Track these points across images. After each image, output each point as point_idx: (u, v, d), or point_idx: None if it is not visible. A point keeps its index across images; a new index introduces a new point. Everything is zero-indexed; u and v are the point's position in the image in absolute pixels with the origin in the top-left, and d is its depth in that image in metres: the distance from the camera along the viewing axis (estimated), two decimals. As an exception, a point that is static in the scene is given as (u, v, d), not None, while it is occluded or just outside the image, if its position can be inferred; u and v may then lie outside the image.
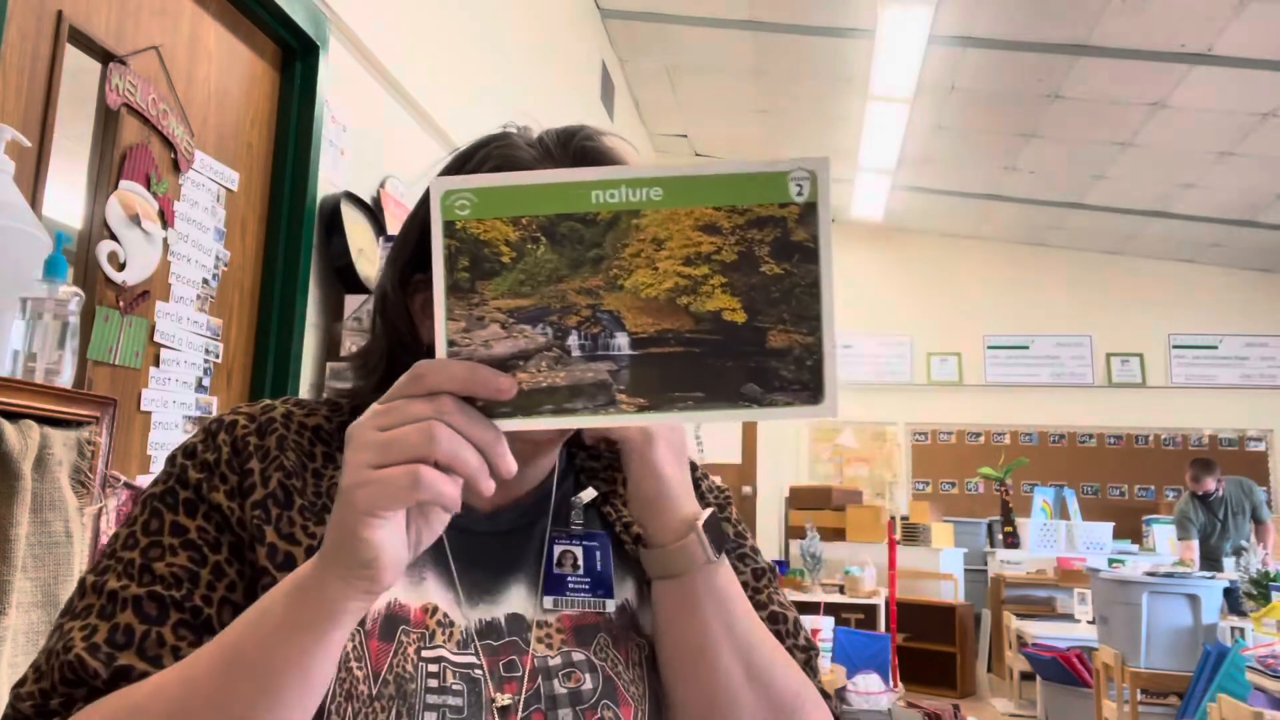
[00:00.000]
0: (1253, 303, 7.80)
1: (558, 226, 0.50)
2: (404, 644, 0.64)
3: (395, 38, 2.56)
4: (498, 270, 0.50)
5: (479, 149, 0.74)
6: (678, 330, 0.50)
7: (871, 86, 5.16)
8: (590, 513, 0.78)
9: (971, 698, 5.98)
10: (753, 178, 0.49)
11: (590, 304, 0.50)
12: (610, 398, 0.51)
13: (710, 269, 0.50)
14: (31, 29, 1.44)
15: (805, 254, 0.50)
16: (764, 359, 0.50)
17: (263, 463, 0.68)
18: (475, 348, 0.50)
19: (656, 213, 0.50)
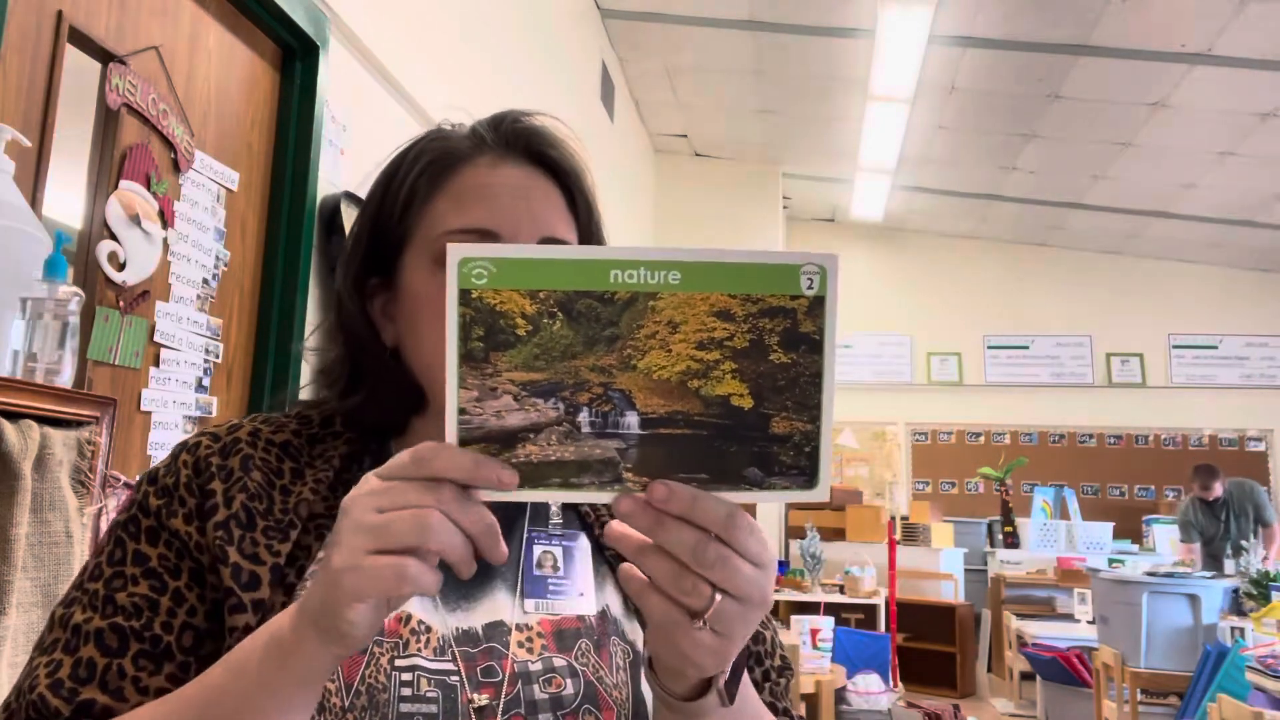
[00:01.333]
0: (1253, 303, 7.80)
1: (575, 303, 0.50)
2: (376, 655, 0.64)
3: (395, 38, 2.56)
4: (512, 342, 0.50)
5: (414, 147, 0.74)
6: (687, 413, 0.51)
7: (871, 86, 5.16)
8: (568, 512, 0.77)
9: (971, 698, 5.98)
10: (766, 269, 0.51)
11: (603, 382, 0.51)
12: (617, 475, 0.52)
13: (722, 354, 0.51)
14: (31, 29, 1.44)
15: (811, 345, 0.51)
16: (766, 444, 0.52)
17: (225, 483, 0.68)
18: (487, 417, 0.51)
19: (673, 296, 0.50)
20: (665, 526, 0.51)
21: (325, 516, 0.69)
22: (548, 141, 0.75)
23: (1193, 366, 7.88)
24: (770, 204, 6.94)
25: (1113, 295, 7.95)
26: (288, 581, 0.65)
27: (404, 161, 0.74)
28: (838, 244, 8.32)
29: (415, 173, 0.73)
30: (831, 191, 7.56)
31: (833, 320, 0.51)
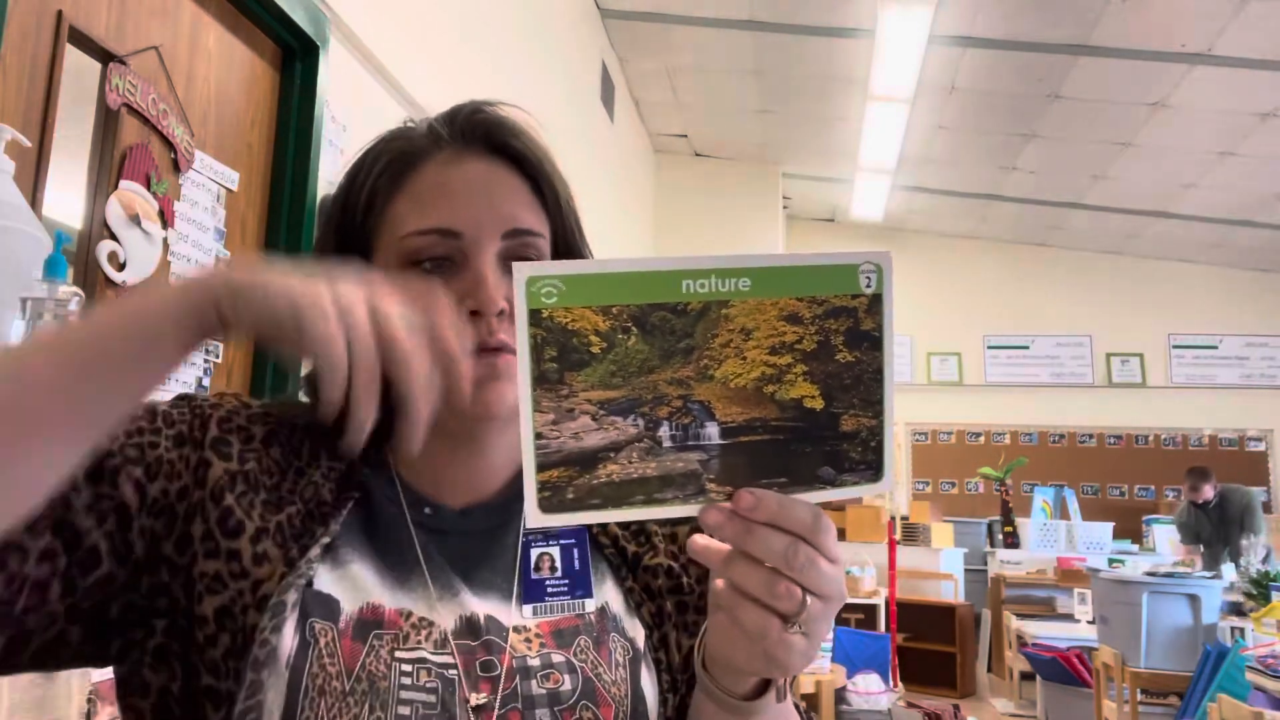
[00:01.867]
0: (1253, 303, 7.80)
1: (649, 316, 0.49)
2: (376, 646, 0.64)
3: (395, 38, 2.56)
4: (587, 361, 0.49)
5: (373, 148, 0.74)
6: (764, 418, 0.52)
7: (871, 86, 5.16)
8: None
9: (971, 698, 5.98)
10: (828, 269, 0.52)
11: (681, 394, 0.51)
12: (700, 487, 0.52)
13: (793, 358, 0.51)
14: (31, 29, 1.44)
15: (872, 342, 0.52)
16: (837, 442, 0.53)
17: (243, 444, 0.68)
18: (564, 440, 0.50)
19: (744, 303, 0.50)
20: (754, 534, 0.51)
21: (331, 506, 0.68)
22: (508, 131, 0.73)
23: (1193, 366, 7.88)
24: (770, 204, 6.94)
25: (1113, 295, 7.95)
26: (290, 554, 0.64)
27: (364, 164, 0.73)
28: (838, 244, 8.32)
29: (375, 174, 0.72)
30: (831, 191, 7.56)
31: (890, 316, 0.52)
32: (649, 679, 0.70)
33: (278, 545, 0.64)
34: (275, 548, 0.64)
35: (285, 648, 0.61)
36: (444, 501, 0.73)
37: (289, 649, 0.61)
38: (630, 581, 0.73)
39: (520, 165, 0.72)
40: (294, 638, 0.62)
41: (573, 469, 0.50)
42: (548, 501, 0.50)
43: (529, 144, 0.73)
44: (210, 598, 0.62)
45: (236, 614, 0.62)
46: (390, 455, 0.74)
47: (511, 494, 0.75)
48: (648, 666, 0.71)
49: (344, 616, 0.64)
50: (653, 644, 0.72)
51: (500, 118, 0.73)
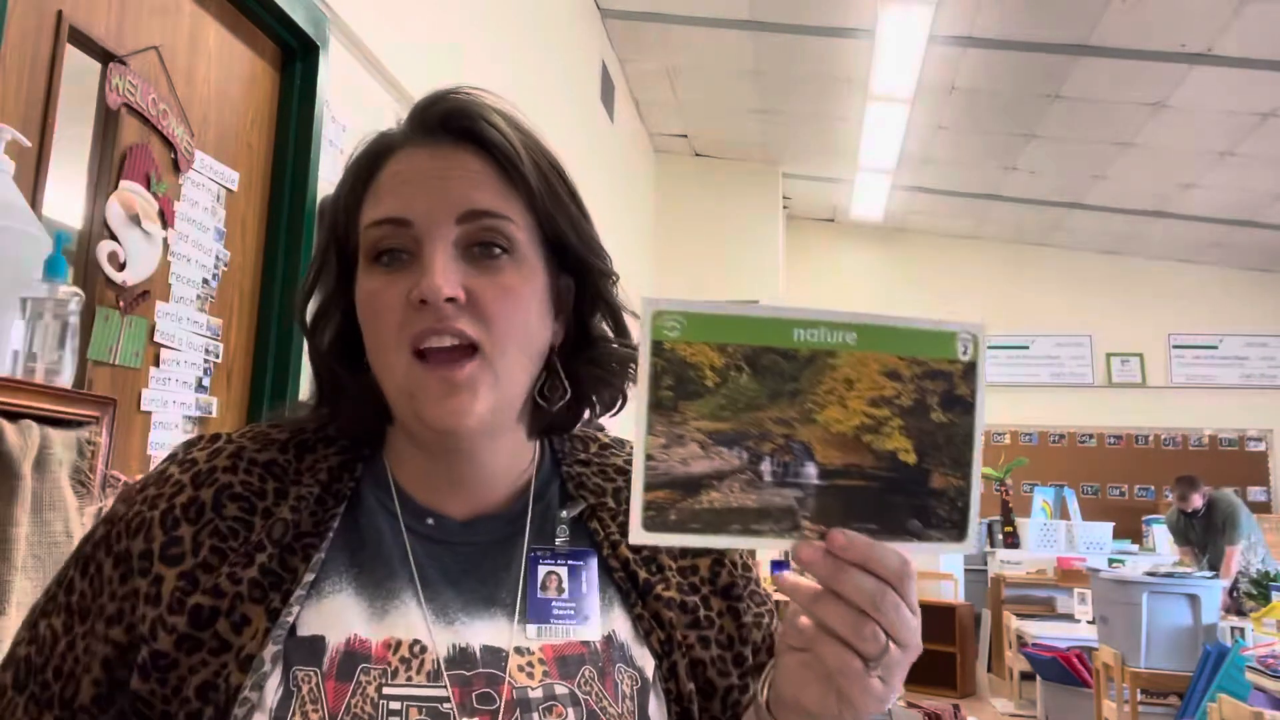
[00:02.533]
0: (1253, 303, 7.80)
1: (761, 358, 0.53)
2: (363, 683, 0.61)
3: (395, 38, 2.56)
4: (700, 393, 0.53)
5: (355, 150, 0.72)
6: (861, 465, 0.55)
7: (871, 86, 5.16)
8: (576, 527, 0.73)
9: (971, 698, 5.98)
10: (929, 334, 0.55)
11: (785, 433, 0.54)
12: (795, 523, 0.54)
13: (891, 412, 0.54)
14: (31, 29, 1.44)
15: (965, 407, 0.55)
16: (926, 498, 0.55)
17: (194, 525, 0.65)
18: (673, 464, 0.53)
19: (850, 355, 0.54)
20: (845, 574, 0.53)
21: (312, 534, 0.66)
22: (466, 115, 0.68)
23: (1193, 366, 7.88)
24: (770, 204, 6.94)
25: (1113, 295, 7.95)
26: (271, 606, 0.62)
27: (347, 166, 0.72)
28: (838, 244, 8.33)
29: (351, 175, 0.71)
30: (831, 191, 7.56)
31: (983, 385, 0.56)
32: (658, 710, 0.67)
33: (256, 602, 0.62)
34: (254, 605, 0.62)
35: (267, 702, 0.59)
36: (446, 512, 0.70)
37: (271, 703, 0.59)
38: (640, 608, 0.70)
39: (486, 150, 0.68)
40: (277, 689, 0.60)
41: (677, 492, 0.53)
42: (651, 520, 0.53)
43: (490, 126, 0.68)
44: (192, 677, 0.61)
45: (220, 685, 0.60)
46: (389, 463, 0.72)
47: (518, 506, 0.72)
48: (657, 697, 0.68)
49: (328, 655, 0.62)
50: (662, 674, 0.69)
51: (459, 103, 0.69)
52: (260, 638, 0.61)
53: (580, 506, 0.73)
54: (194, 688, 0.60)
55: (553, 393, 0.72)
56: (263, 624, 0.61)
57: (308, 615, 0.63)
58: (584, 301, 0.73)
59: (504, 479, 0.72)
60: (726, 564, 0.74)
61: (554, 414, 0.73)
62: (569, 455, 0.77)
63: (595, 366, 0.73)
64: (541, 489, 0.74)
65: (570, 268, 0.72)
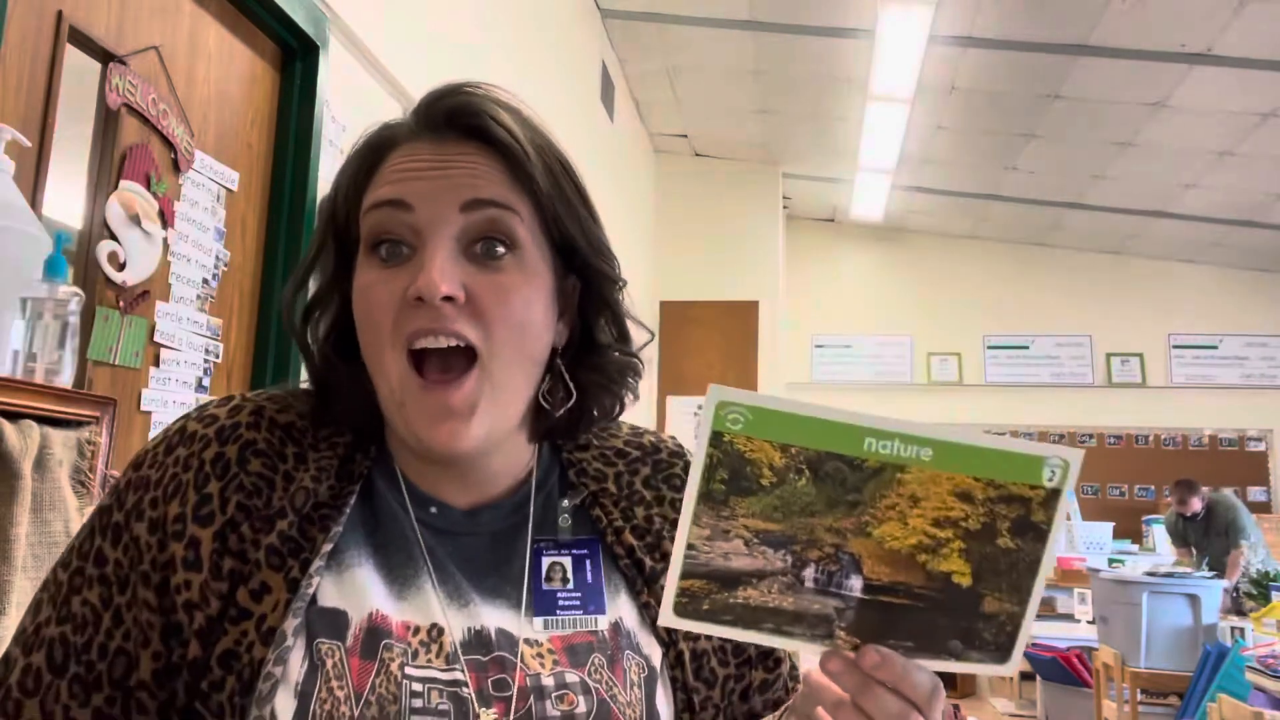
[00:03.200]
0: (1253, 303, 7.80)
1: (825, 464, 0.50)
2: (386, 661, 0.61)
3: (395, 38, 2.56)
4: (754, 490, 0.51)
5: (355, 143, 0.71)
6: (909, 584, 0.52)
7: (871, 86, 5.16)
8: (579, 514, 0.72)
9: (971, 698, 5.98)
10: (1014, 457, 0.51)
11: (835, 543, 0.52)
12: (830, 632, 0.53)
13: (954, 533, 0.52)
14: (31, 29, 1.44)
15: (1038, 534, 0.52)
16: (973, 621, 0.53)
17: (221, 480, 0.63)
18: (714, 556, 0.51)
19: (921, 471, 0.51)
20: (872, 692, 0.52)
21: (330, 506, 0.65)
22: (471, 112, 0.66)
23: (1193, 366, 7.88)
24: (770, 204, 6.93)
25: (1113, 295, 7.94)
26: (290, 575, 0.61)
27: (347, 159, 0.70)
28: (838, 244, 8.32)
29: (352, 166, 0.69)
30: (831, 191, 7.55)
31: (1063, 512, 0.52)
32: (664, 698, 0.68)
33: (275, 569, 0.61)
34: (273, 573, 0.61)
35: (292, 676, 0.59)
36: (449, 501, 0.69)
37: (296, 676, 0.59)
38: (646, 595, 0.70)
39: (492, 146, 0.66)
40: (302, 663, 0.59)
41: (714, 584, 0.52)
42: (683, 607, 0.52)
43: (497, 119, 0.66)
44: (214, 648, 0.60)
45: (241, 653, 0.59)
46: (394, 453, 0.71)
47: (520, 496, 0.71)
48: (664, 685, 0.68)
49: (351, 631, 0.61)
50: (669, 661, 0.69)
51: (465, 100, 0.67)
52: (281, 609, 0.60)
53: (582, 494, 0.72)
54: (216, 656, 0.59)
55: (555, 396, 0.70)
56: (282, 594, 0.60)
57: (328, 586, 0.62)
58: (589, 304, 0.72)
59: (504, 473, 0.71)
60: None
61: (556, 419, 0.71)
62: (569, 440, 0.76)
63: (597, 373, 0.72)
64: (543, 478, 0.73)
65: (576, 269, 0.71)
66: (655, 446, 0.78)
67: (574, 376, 0.71)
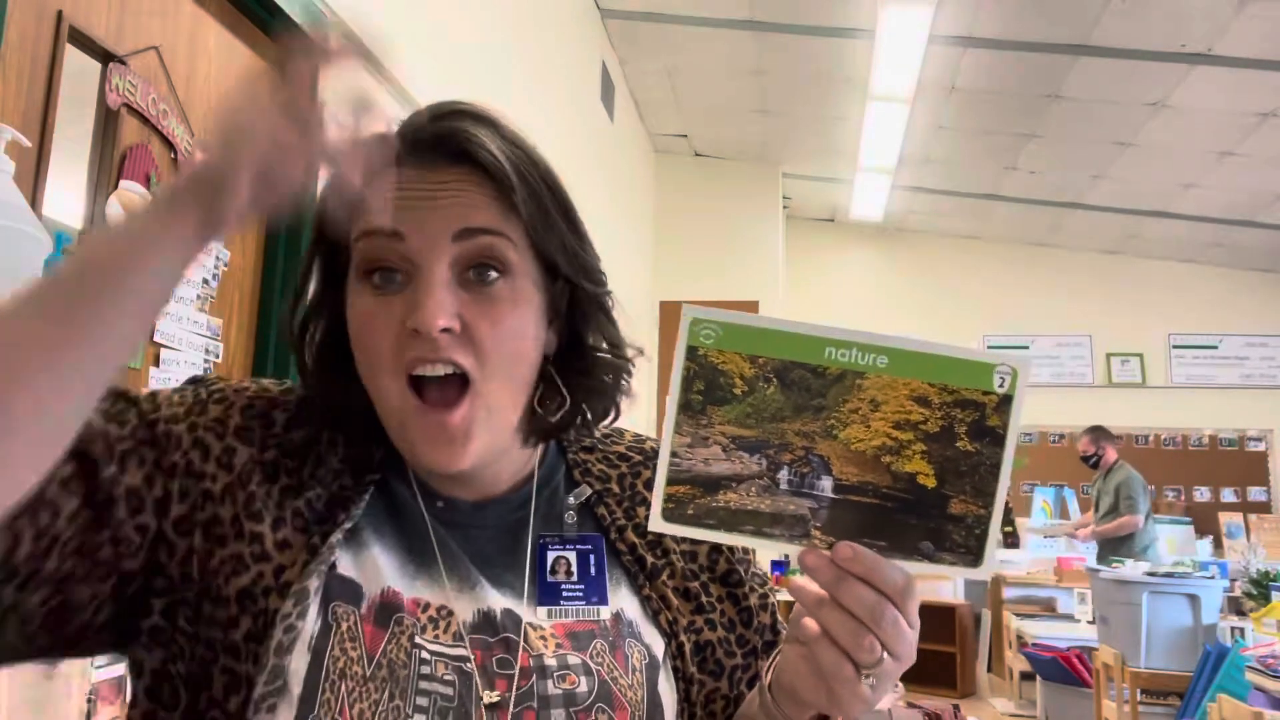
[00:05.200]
0: (1253, 303, 7.80)
1: (790, 372, 0.55)
2: (397, 633, 0.64)
3: (395, 38, 2.56)
4: (728, 399, 0.55)
5: None
6: (876, 484, 0.56)
7: (871, 86, 5.16)
8: (583, 512, 0.75)
9: (971, 698, 5.98)
10: (965, 364, 0.55)
11: (805, 446, 0.56)
12: (805, 531, 0.56)
13: (914, 436, 0.55)
14: (31, 29, 1.44)
15: (995, 439, 0.55)
16: (942, 522, 0.56)
17: (265, 430, 0.68)
18: (695, 463, 0.55)
19: (879, 377, 0.55)
20: (847, 584, 0.55)
21: (353, 490, 0.69)
22: (457, 139, 0.67)
23: (1193, 366, 7.88)
24: (770, 204, 6.93)
25: (1113, 295, 7.94)
26: (311, 541, 0.64)
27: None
28: (838, 244, 8.32)
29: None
30: (831, 191, 7.55)
31: (1017, 418, 0.55)
32: (667, 686, 0.70)
33: (299, 530, 0.65)
34: (296, 533, 0.65)
35: (308, 631, 0.61)
36: (456, 495, 0.72)
37: (311, 633, 0.62)
38: (648, 589, 0.73)
39: (478, 168, 0.67)
40: (317, 621, 0.62)
41: (697, 489, 0.55)
42: (670, 512, 0.56)
43: (484, 146, 0.67)
44: (234, 579, 0.62)
45: (258, 595, 0.62)
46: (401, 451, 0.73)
47: (525, 491, 0.74)
48: (666, 674, 0.70)
49: (366, 601, 0.64)
50: (671, 652, 0.71)
51: (452, 126, 0.67)
52: (299, 568, 0.63)
53: (587, 493, 0.75)
54: (235, 589, 0.62)
55: (550, 401, 0.73)
56: (302, 554, 0.64)
57: (346, 560, 0.66)
58: (577, 312, 0.74)
59: (506, 475, 0.74)
60: (724, 550, 0.76)
61: (551, 422, 0.74)
62: (574, 442, 0.80)
63: (587, 376, 0.74)
64: (546, 476, 0.76)
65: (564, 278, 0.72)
66: (657, 452, 0.79)
67: (565, 381, 0.73)
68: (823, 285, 8.25)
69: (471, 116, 0.69)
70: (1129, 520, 5.91)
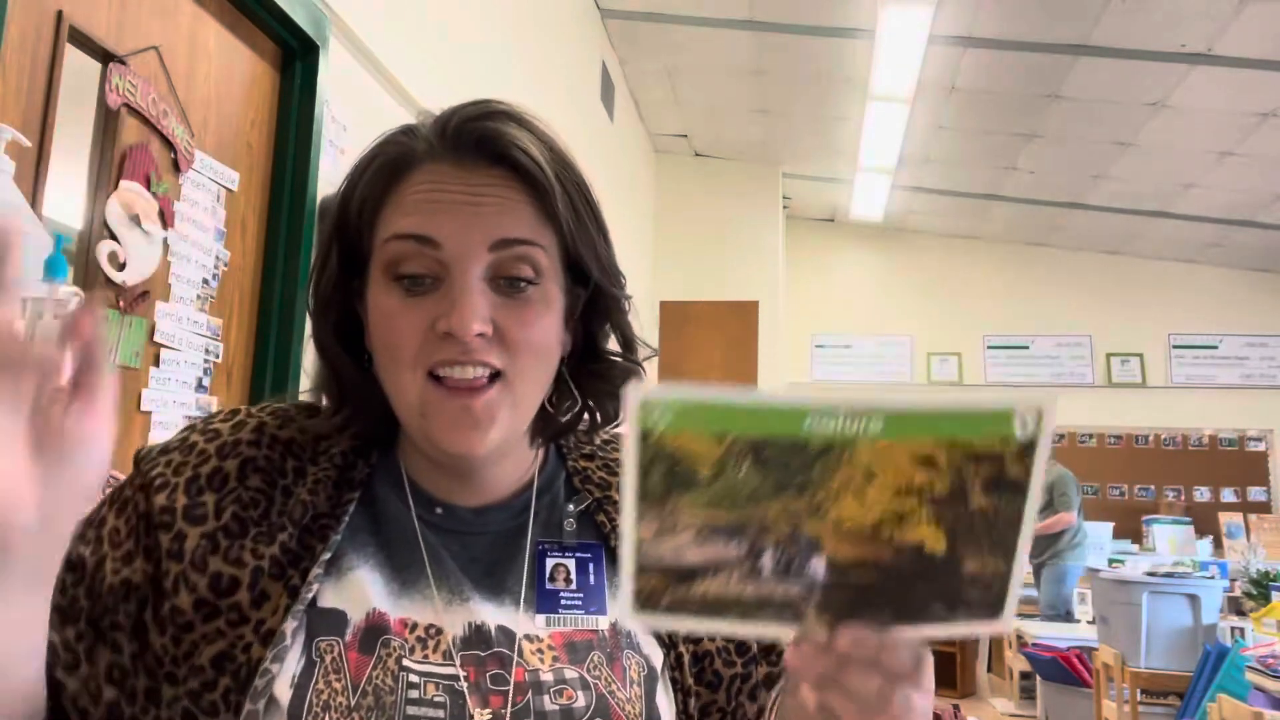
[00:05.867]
0: (1253, 303, 7.80)
1: (764, 450, 0.47)
2: (383, 657, 0.62)
3: (395, 38, 2.56)
4: (694, 484, 0.47)
5: (370, 151, 0.69)
6: (877, 560, 0.48)
7: (871, 86, 5.16)
8: (583, 520, 0.74)
9: (971, 698, 5.98)
10: (978, 415, 0.47)
11: (789, 527, 0.48)
12: (796, 614, 0.50)
13: (919, 501, 0.47)
14: (31, 29, 1.44)
15: (1015, 489, 0.47)
16: (955, 583, 0.49)
17: (218, 493, 0.66)
18: (664, 553, 0.48)
19: (873, 445, 0.46)
20: (849, 672, 0.49)
21: (329, 516, 0.67)
22: (505, 141, 0.66)
23: (1193, 366, 7.88)
24: (770, 204, 6.93)
25: (1113, 295, 7.94)
26: (290, 583, 0.63)
27: (361, 167, 0.69)
28: (838, 244, 8.32)
29: (367, 178, 0.68)
30: (831, 191, 7.55)
31: (1041, 462, 0.47)
32: (665, 699, 0.68)
33: (275, 579, 0.63)
34: (274, 582, 0.63)
35: (289, 672, 0.60)
36: (456, 502, 0.71)
37: (294, 672, 0.61)
38: None
39: (518, 172, 0.66)
40: (300, 660, 0.61)
41: (670, 579, 0.49)
42: (643, 603, 0.49)
43: (526, 150, 0.66)
44: (206, 646, 0.61)
45: (237, 654, 0.61)
46: (401, 458, 0.73)
47: (525, 497, 0.73)
48: (664, 686, 0.69)
49: (351, 628, 0.63)
50: (669, 663, 0.70)
51: (495, 127, 0.66)
52: (281, 613, 0.62)
53: (587, 500, 0.74)
54: (209, 657, 0.61)
55: (561, 402, 0.73)
56: (282, 599, 0.63)
57: (327, 590, 0.65)
58: (594, 315, 0.74)
59: (510, 476, 0.73)
60: None
61: (560, 423, 0.74)
62: (574, 450, 0.78)
63: (600, 379, 0.74)
64: (546, 483, 0.75)
65: (585, 281, 0.72)
66: None
67: (577, 383, 0.73)
68: (823, 285, 8.25)
69: (513, 119, 0.68)
70: (1063, 517, 5.96)
